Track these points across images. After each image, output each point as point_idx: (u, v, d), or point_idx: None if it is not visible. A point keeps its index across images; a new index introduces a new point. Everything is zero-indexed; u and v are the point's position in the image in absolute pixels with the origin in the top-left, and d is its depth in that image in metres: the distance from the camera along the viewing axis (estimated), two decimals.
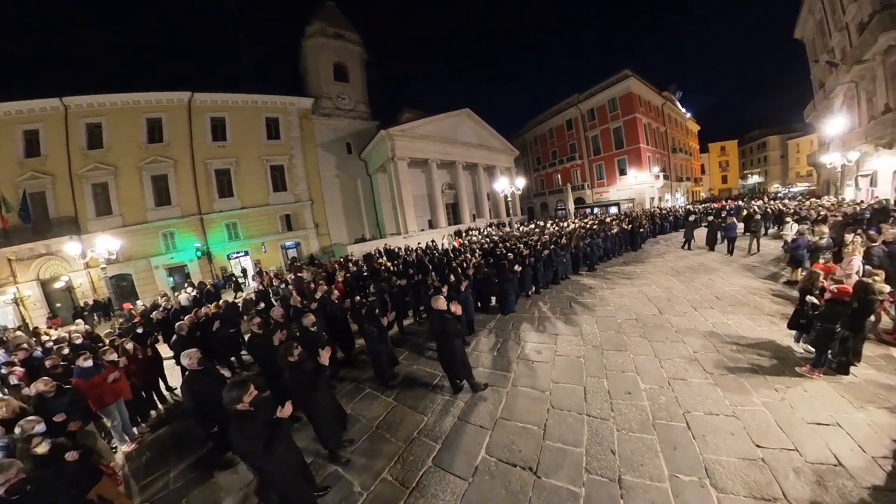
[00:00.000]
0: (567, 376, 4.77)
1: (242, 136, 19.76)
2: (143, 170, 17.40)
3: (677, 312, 6.55)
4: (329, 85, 23.23)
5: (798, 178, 47.67)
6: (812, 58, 22.33)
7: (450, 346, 4.34)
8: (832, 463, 2.96)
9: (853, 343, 4.21)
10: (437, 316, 4.38)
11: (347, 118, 23.78)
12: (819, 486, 2.76)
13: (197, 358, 3.94)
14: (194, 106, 18.52)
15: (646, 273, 9.80)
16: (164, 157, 17.77)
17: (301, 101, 21.76)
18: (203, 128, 18.81)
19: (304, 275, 11.69)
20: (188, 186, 18.34)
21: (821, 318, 4.16)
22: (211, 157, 18.96)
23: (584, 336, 5.95)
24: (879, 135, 13.21)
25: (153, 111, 17.65)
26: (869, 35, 12.48)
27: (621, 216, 18.44)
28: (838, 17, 16.64)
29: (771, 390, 4.01)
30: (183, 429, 4.83)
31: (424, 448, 3.72)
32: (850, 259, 5.58)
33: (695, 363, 4.72)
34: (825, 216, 10.25)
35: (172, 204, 18.01)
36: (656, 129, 31.10)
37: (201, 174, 18.68)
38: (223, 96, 19.29)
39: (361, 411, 4.63)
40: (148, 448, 4.61)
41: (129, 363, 5.20)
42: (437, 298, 4.50)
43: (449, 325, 4.31)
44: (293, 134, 21.32)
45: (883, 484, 2.72)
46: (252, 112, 20.16)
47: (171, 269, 18.26)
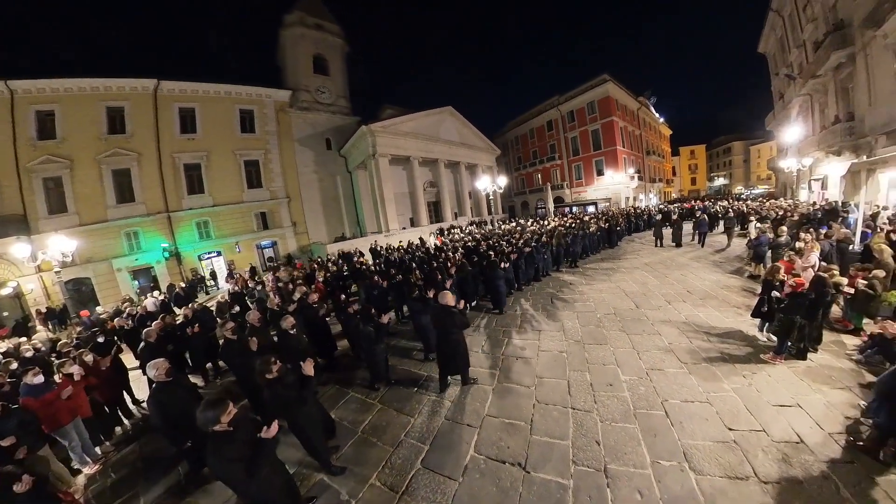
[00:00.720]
0: (551, 371, 4.88)
1: (214, 128, 18.75)
2: (103, 163, 16.14)
3: (653, 306, 6.85)
4: (308, 77, 22.51)
5: (759, 180, 51.08)
6: (773, 71, 24.02)
7: (455, 339, 4.43)
8: (795, 441, 3.22)
9: (810, 331, 4.56)
10: (443, 310, 4.45)
11: (327, 113, 23.15)
12: (784, 462, 2.99)
13: (165, 368, 3.65)
14: (161, 95, 17.38)
15: (622, 269, 10.18)
16: (126, 149, 16.56)
17: (278, 93, 20.96)
18: (171, 119, 17.70)
19: (280, 275, 11.29)
20: (154, 182, 17.22)
21: (783, 309, 4.47)
22: (179, 151, 17.89)
23: (566, 331, 6.11)
24: (830, 143, 14.38)
25: (114, 99, 16.42)
26: (823, 52, 13.58)
27: (599, 215, 19.05)
28: (797, 35, 18.02)
29: (739, 377, 4.28)
30: (152, 446, 4.46)
31: (412, 450, 3.66)
32: (808, 254, 6.03)
33: (670, 354, 4.96)
34: (783, 216, 11.01)
35: (136, 201, 16.85)
36: (632, 133, 32.35)
37: (168, 169, 17.57)
38: (193, 85, 18.20)
39: (346, 416, 4.50)
40: (114, 469, 4.22)
41: (89, 376, 4.73)
42: (444, 294, 4.56)
43: (456, 319, 4.41)
44: (269, 128, 20.52)
45: (839, 457, 3.00)
46: (225, 103, 19.18)
47: (136, 271, 17.08)
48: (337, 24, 24.04)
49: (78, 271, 15.43)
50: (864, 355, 4.41)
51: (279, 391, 3.19)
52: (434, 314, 4.64)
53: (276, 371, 3.24)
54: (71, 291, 14.02)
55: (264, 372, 3.23)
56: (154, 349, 5.26)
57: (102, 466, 4.27)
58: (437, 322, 4.55)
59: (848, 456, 2.99)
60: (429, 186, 25.19)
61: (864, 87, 12.08)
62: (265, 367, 3.23)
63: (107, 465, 4.29)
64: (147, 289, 16.12)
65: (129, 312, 9.55)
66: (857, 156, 12.91)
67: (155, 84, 17.16)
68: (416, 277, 7.44)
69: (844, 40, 12.49)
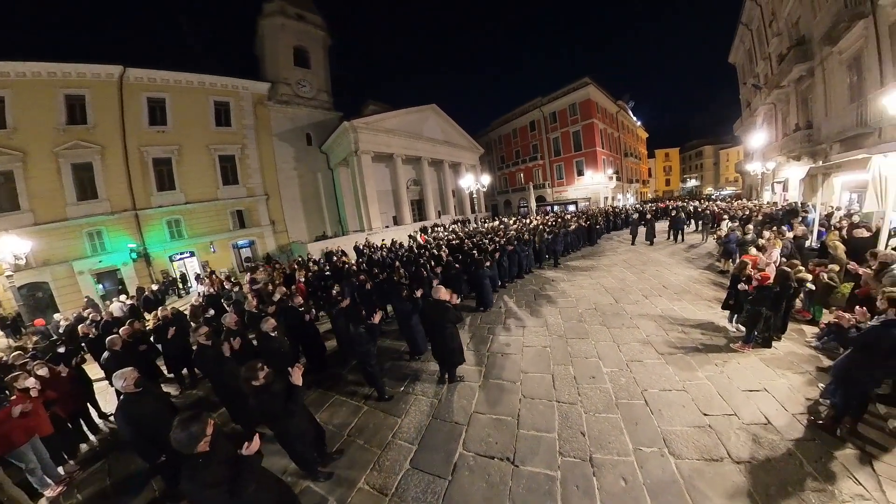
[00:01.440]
0: (535, 366, 4.97)
1: (187, 121, 17.80)
2: (62, 156, 14.96)
3: (631, 301, 7.12)
4: (288, 70, 21.80)
5: (727, 182, 53.95)
6: (742, 80, 25.44)
7: (448, 334, 4.50)
8: (763, 422, 3.45)
9: (775, 321, 4.87)
10: (437, 305, 4.54)
11: (308, 107, 22.52)
12: (755, 443, 3.19)
13: (133, 378, 3.37)
14: (127, 83, 16.31)
15: (602, 266, 10.51)
16: (88, 141, 15.43)
17: (256, 85, 20.20)
18: (138, 109, 16.64)
19: (258, 276, 10.92)
20: (119, 177, 16.14)
21: (750, 302, 4.75)
22: (148, 144, 16.85)
23: (549, 327, 6.25)
24: (791, 149, 15.39)
25: (74, 86, 15.23)
26: (786, 65, 14.49)
27: (579, 214, 19.56)
28: (764, 48, 19.16)
29: (712, 365, 4.53)
30: (123, 463, 4.15)
31: (401, 451, 3.63)
32: (770, 251, 6.43)
33: (648, 346, 5.17)
34: (749, 216, 11.69)
35: (100, 198, 15.70)
36: (611, 135, 33.40)
37: (136, 163, 16.52)
38: (163, 74, 17.19)
39: (331, 419, 4.40)
40: (80, 490, 3.86)
41: (47, 390, 4.29)
42: (438, 289, 4.64)
43: (450, 314, 4.47)
44: (246, 121, 19.73)
45: (802, 435, 3.24)
46: (198, 94, 18.27)
47: (101, 274, 15.92)
48: (319, 15, 23.40)
49: (34, 275, 14.21)
50: (822, 342, 4.76)
51: (265, 400, 3.00)
52: (428, 309, 4.67)
53: (262, 378, 3.03)
54: (25, 297, 12.96)
55: (251, 378, 3.02)
56: (120, 358, 4.91)
57: (66, 488, 3.89)
58: (432, 317, 4.61)
59: (809, 434, 3.23)
60: (412, 184, 25.06)
61: (821, 98, 12.97)
62: (251, 374, 3.02)
63: (71, 487, 3.91)
64: (113, 293, 15.16)
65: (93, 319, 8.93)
66: (814, 161, 13.87)
67: (121, 71, 16.09)
68: (399, 276, 7.39)
69: (805, 55, 13.39)
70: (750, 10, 20.49)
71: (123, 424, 3.31)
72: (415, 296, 5.61)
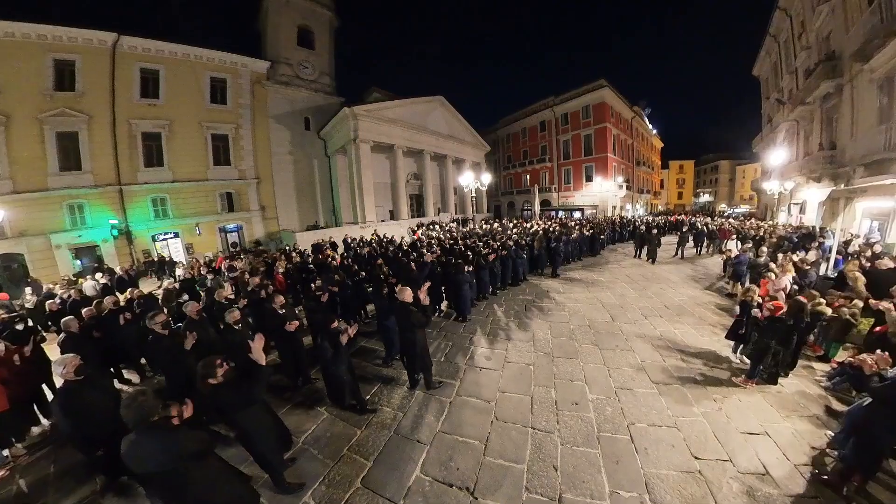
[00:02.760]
0: (515, 385, 4.68)
1: (180, 95, 17.57)
2: (46, 123, 14.69)
3: (629, 320, 6.81)
4: (290, 50, 21.51)
5: (742, 200, 53.50)
6: (765, 94, 25.10)
7: (411, 338, 4.36)
8: (761, 472, 3.15)
9: (784, 356, 4.56)
10: (402, 308, 4.40)
11: (308, 90, 22.23)
12: (749, 496, 2.90)
13: (74, 366, 3.24)
14: (120, 52, 16.03)
15: (602, 279, 10.20)
16: (75, 110, 15.18)
17: (255, 63, 19.94)
18: (130, 80, 16.38)
19: (237, 264, 10.63)
20: (105, 149, 15.90)
21: (758, 333, 4.44)
22: (138, 117, 16.63)
23: (537, 342, 5.95)
24: (812, 169, 15.08)
25: (64, 51, 14.95)
26: (813, 81, 14.17)
27: (584, 221, 19.24)
28: (790, 62, 18.88)
29: (710, 400, 4.23)
30: (70, 450, 3.91)
31: (354, 466, 3.43)
32: (780, 277, 6.11)
33: (642, 372, 4.86)
34: (763, 236, 11.35)
35: (83, 169, 15.46)
36: (624, 141, 33.02)
37: (124, 136, 16.29)
38: (159, 44, 16.91)
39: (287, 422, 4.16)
40: (22, 475, 3.72)
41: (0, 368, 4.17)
42: (402, 290, 4.51)
43: (413, 317, 4.32)
44: (242, 100, 19.49)
45: (803, 491, 2.94)
46: (194, 68, 18.00)
47: (79, 249, 15.71)
48: None
49: (9, 245, 13.96)
50: (833, 383, 4.46)
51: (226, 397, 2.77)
52: (395, 311, 4.56)
53: (221, 375, 2.74)
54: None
55: (208, 376, 2.73)
56: (77, 341, 4.77)
57: (9, 472, 3.76)
58: (398, 319, 4.53)
59: (812, 490, 2.94)
60: (412, 178, 24.77)
61: (848, 118, 12.65)
62: (209, 370, 2.73)
63: (14, 471, 3.78)
64: (90, 270, 14.94)
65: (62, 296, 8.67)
66: (835, 184, 13.54)
67: (114, 38, 15.81)
68: (383, 273, 7.08)
69: (834, 71, 13.08)
70: (779, 22, 20.15)
71: (60, 415, 3.20)
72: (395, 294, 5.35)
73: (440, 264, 7.79)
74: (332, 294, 6.43)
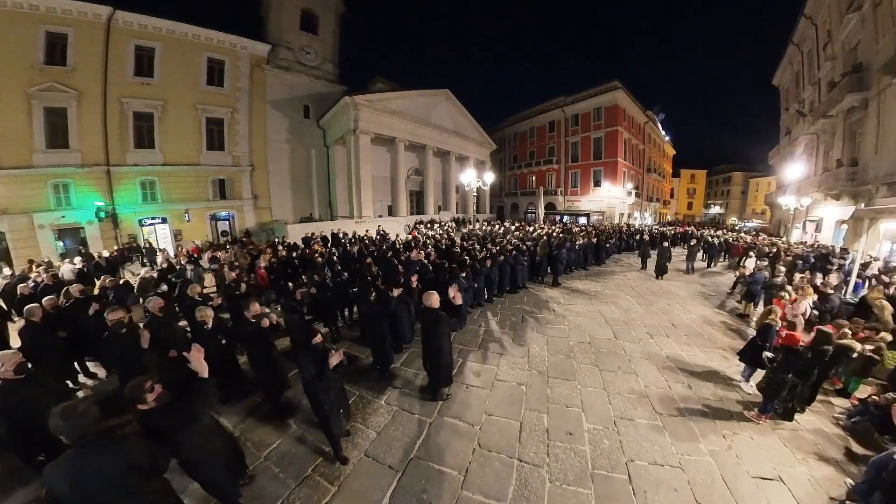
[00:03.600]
0: (504, 408, 4.35)
1: (175, 75, 17.25)
2: (35, 98, 14.38)
3: (633, 338, 6.48)
4: (292, 34, 21.15)
5: (754, 213, 52.99)
6: (784, 105, 24.73)
7: (439, 346, 4.26)
8: None
9: (801, 391, 4.23)
10: (428, 314, 4.31)
11: (309, 76, 21.89)
12: None
13: (14, 363, 3.05)
14: (115, 27, 15.71)
15: (606, 291, 9.86)
16: (65, 85, 14.88)
17: (255, 45, 19.59)
18: (124, 57, 16.07)
19: (221, 255, 10.32)
20: (95, 128, 15.60)
21: (774, 365, 4.11)
22: (130, 96, 16.32)
23: (531, 359, 5.61)
24: (831, 186, 14.73)
25: (57, 23, 14.62)
26: (837, 93, 13.86)
27: (589, 228, 18.90)
28: (813, 72, 18.55)
29: (719, 436, 3.91)
30: None
31: (317, 491, 3.14)
32: (799, 301, 5.76)
33: (645, 400, 4.53)
34: (777, 254, 10.99)
35: (71, 148, 15.16)
36: (635, 146, 32.62)
37: (114, 115, 15.98)
38: (156, 21, 16.58)
39: (251, 435, 3.89)
40: None
41: None
42: (429, 295, 4.39)
43: (442, 323, 4.26)
44: (240, 84, 19.16)
45: None
46: (192, 48, 17.68)
47: (63, 231, 15.48)
48: None
49: None
50: (853, 421, 4.14)
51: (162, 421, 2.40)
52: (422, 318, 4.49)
53: (152, 400, 2.37)
54: None
55: (135, 400, 2.36)
56: (38, 331, 4.53)
57: None
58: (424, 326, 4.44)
59: None
60: (413, 174, 24.43)
61: (872, 133, 12.30)
62: (137, 393, 2.34)
63: None
64: (74, 252, 14.69)
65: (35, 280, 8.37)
66: (855, 202, 13.20)
67: (109, 13, 15.49)
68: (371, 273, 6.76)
69: (860, 83, 12.76)
70: (803, 30, 19.78)
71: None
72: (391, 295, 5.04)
73: (434, 267, 7.46)
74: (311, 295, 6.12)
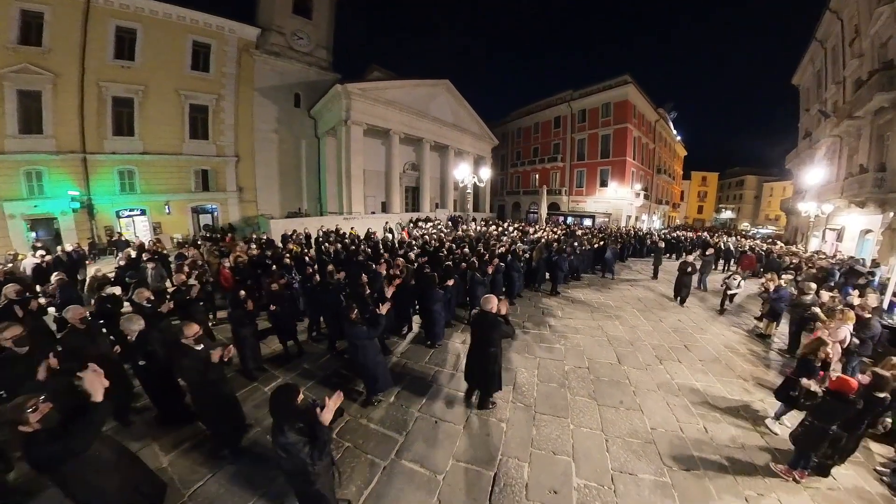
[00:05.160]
0: (476, 452, 3.64)
1: (158, 59, 16.70)
2: (7, 80, 13.85)
3: (639, 363, 5.73)
4: (284, 17, 20.47)
5: (767, 220, 51.87)
6: (804, 106, 23.87)
7: (491, 353, 4.09)
8: None
9: (845, 443, 3.50)
10: (486, 318, 4.12)
11: (301, 63, 21.21)
12: None
13: None
14: (95, 5, 15.12)
15: (610, 302, 9.12)
16: (40, 66, 14.33)
17: (244, 29, 18.98)
18: (103, 38, 15.51)
19: (187, 251, 9.64)
20: (71, 113, 15.09)
21: (813, 411, 3.37)
22: (109, 80, 15.77)
23: (517, 387, 4.88)
24: (856, 192, 13.99)
25: (33, 1, 14.07)
26: (865, 92, 13.07)
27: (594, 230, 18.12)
28: (837, 71, 17.69)
29: (740, 500, 3.19)
30: None
31: None
32: (839, 327, 4.98)
33: (650, 447, 3.80)
34: (799, 266, 10.21)
35: (45, 133, 14.67)
36: (645, 145, 31.70)
37: (92, 100, 15.46)
38: (138, 0, 15.99)
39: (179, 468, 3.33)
40: None
41: None
42: (488, 299, 4.22)
43: (500, 329, 4.09)
44: (227, 69, 18.54)
45: None
46: (176, 30, 17.10)
47: (35, 221, 15.03)
48: None
49: None
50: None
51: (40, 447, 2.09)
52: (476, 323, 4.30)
53: (36, 421, 2.09)
54: None
55: (17, 421, 2.07)
56: None
57: None
58: (478, 331, 4.23)
59: None
60: (409, 169, 23.69)
61: None
62: (17, 414, 2.07)
63: None
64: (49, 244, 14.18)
65: None
66: (883, 210, 12.44)
67: None
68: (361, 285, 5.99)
69: (891, 82, 12.04)
70: (828, 25, 18.92)
71: None
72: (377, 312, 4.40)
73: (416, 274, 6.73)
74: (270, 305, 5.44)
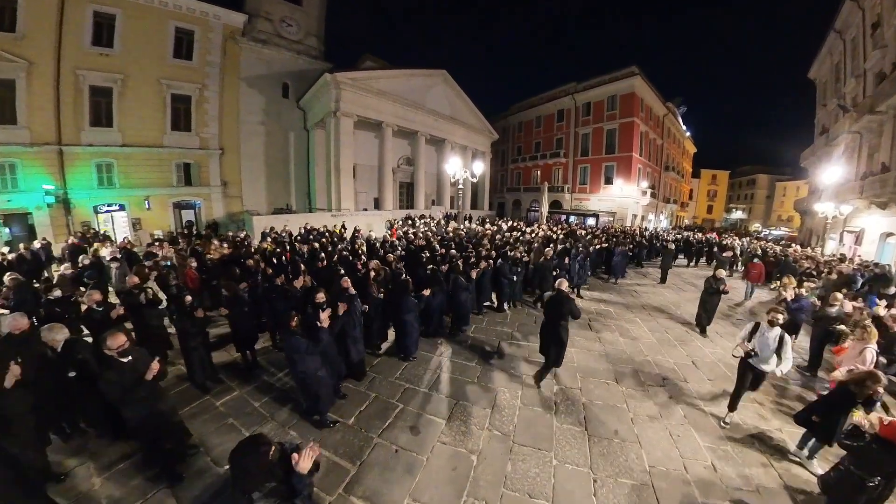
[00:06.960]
0: (438, 489, 3.10)
1: (138, 46, 16.24)
2: None
3: (640, 383, 5.15)
4: (272, 3, 19.96)
5: (779, 220, 51.00)
6: (821, 101, 23.24)
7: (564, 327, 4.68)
8: None
9: (883, 493, 2.93)
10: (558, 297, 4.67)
11: (290, 51, 20.69)
12: None
13: None
14: None
15: (611, 310, 8.54)
16: (13, 54, 13.85)
17: (230, 15, 18.47)
18: (80, 23, 15.06)
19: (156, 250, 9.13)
20: (46, 103, 14.66)
21: (856, 457, 2.80)
22: (87, 68, 15.33)
23: (496, 410, 4.32)
24: (877, 192, 13.44)
25: None
26: (888, 85, 12.58)
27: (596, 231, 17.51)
28: (857, 63, 17.10)
29: None
30: None
31: None
32: (865, 345, 4.36)
33: (647, 491, 3.23)
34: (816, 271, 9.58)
35: (18, 124, 14.24)
36: (653, 141, 30.98)
37: (68, 88, 15.03)
38: None
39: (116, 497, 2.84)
40: None
41: None
42: (561, 281, 4.82)
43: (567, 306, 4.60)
44: (211, 58, 18.04)
45: None
46: (158, 16, 16.63)
47: (8, 216, 14.63)
48: None
49: None
50: None
51: None
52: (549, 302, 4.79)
53: None
54: None
55: None
56: None
57: None
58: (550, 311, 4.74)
59: None
60: (404, 164, 23.16)
61: None
62: None
63: None
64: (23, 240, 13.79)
65: None
66: None
67: None
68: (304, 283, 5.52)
69: None
70: (847, 15, 18.23)
71: None
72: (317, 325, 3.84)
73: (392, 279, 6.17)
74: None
